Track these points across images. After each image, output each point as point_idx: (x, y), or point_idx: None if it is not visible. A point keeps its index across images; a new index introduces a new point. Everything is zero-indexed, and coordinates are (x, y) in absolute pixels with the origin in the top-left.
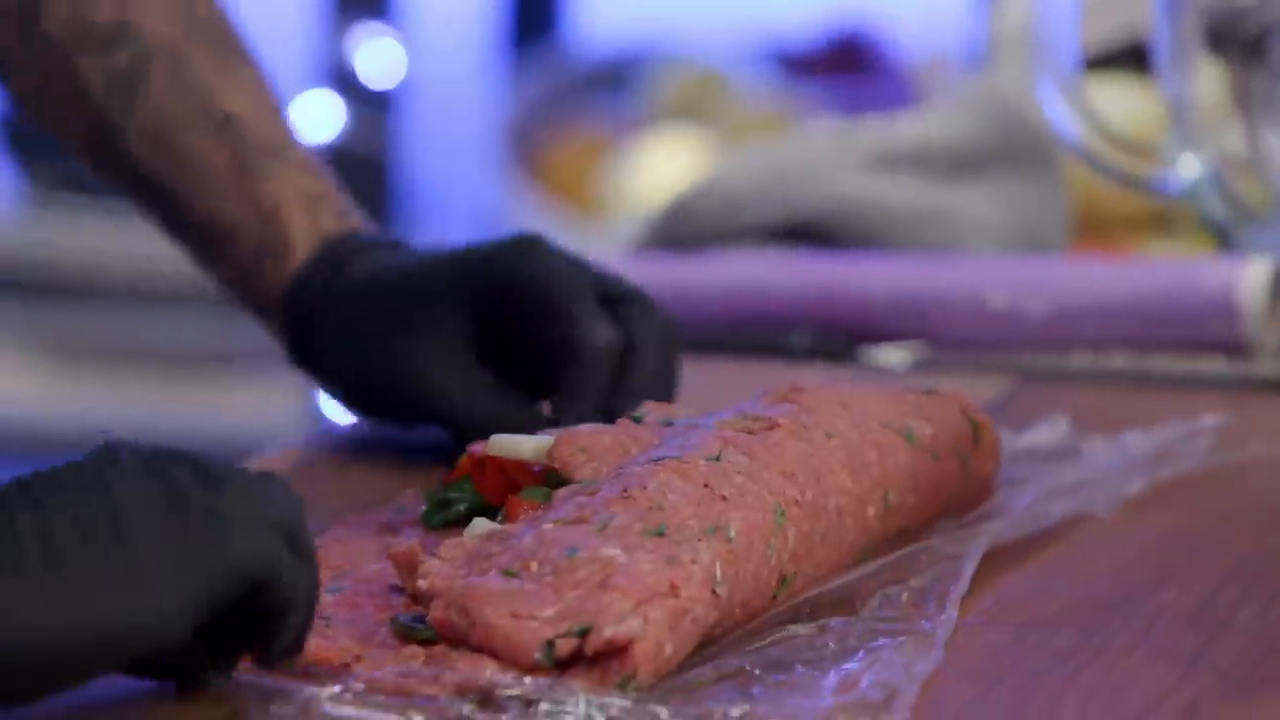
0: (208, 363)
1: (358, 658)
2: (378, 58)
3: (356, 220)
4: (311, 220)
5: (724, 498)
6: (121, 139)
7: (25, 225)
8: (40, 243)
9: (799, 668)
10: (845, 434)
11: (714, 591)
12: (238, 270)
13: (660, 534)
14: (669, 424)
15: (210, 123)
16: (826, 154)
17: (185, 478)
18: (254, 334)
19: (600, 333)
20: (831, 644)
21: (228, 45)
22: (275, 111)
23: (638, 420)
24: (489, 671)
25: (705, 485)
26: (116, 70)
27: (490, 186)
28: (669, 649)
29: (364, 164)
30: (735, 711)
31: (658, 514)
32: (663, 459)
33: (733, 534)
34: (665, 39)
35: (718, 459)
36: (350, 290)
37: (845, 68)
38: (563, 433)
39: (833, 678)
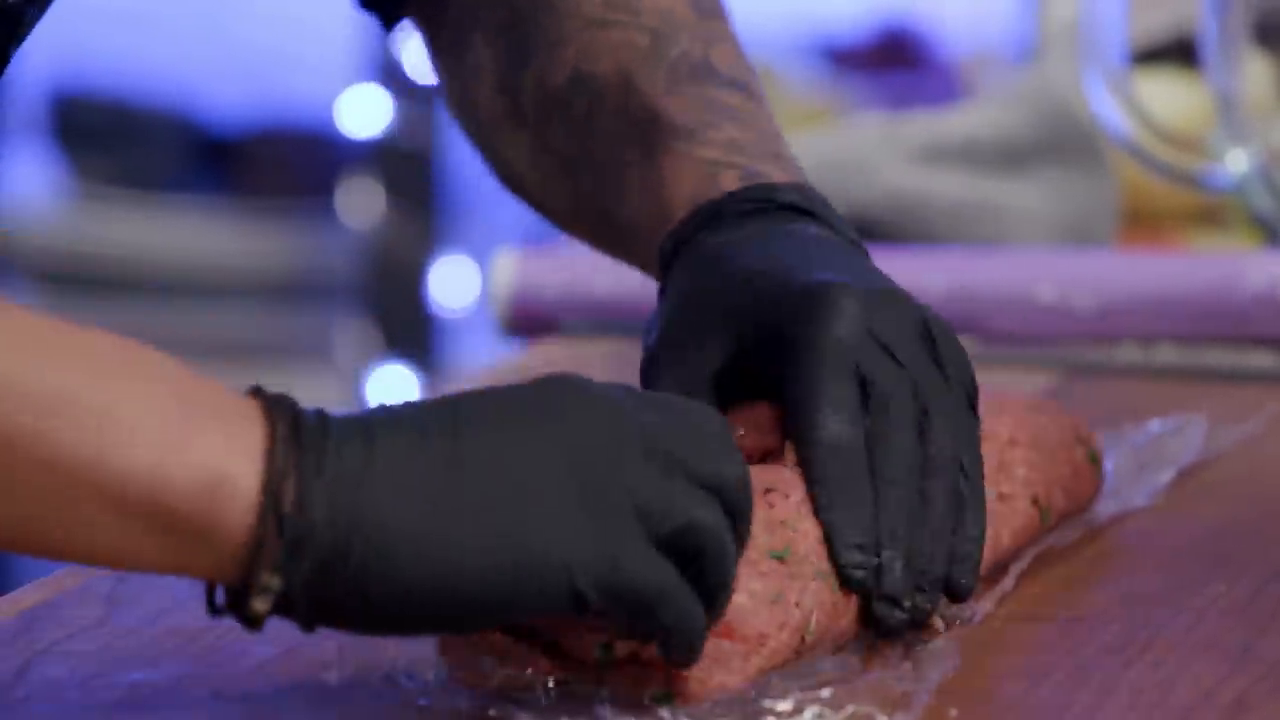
0: (256, 355)
1: None
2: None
3: (768, 178)
4: (699, 188)
5: None
6: (582, 182)
7: (74, 220)
8: (89, 237)
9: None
10: (996, 507)
11: (803, 639)
12: (639, 260)
13: (781, 558)
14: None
15: (641, 133)
16: (874, 148)
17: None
18: (302, 326)
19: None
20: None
21: (678, 67)
22: (711, 107)
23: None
24: (530, 673)
25: None
26: (575, 120)
27: None
28: (726, 682)
29: (411, 159)
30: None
31: (787, 534)
32: None
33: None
34: None
35: None
36: (679, 280)
37: (893, 62)
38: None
39: (856, 677)
